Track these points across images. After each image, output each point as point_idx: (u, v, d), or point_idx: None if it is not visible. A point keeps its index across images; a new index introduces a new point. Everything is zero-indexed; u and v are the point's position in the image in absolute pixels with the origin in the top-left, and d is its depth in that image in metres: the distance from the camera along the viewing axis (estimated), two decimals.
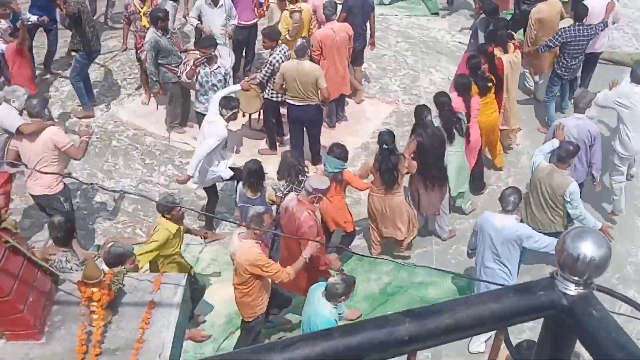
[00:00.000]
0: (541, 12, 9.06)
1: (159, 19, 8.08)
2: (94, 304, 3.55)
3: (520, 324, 1.47)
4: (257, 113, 8.78)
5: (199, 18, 8.88)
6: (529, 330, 5.10)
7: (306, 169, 6.79)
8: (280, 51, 8.05)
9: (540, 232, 6.15)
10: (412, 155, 6.93)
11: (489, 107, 7.88)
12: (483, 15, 9.05)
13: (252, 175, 6.36)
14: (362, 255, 6.83)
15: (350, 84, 8.98)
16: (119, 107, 9.45)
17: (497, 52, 8.14)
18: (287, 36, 8.63)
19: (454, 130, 7.15)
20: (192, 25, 9.02)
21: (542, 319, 1.50)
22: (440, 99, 7.23)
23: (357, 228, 7.22)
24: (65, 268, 5.20)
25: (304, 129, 8.28)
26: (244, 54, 9.64)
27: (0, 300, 3.35)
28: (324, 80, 7.79)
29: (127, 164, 8.48)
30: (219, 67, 7.77)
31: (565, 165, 6.57)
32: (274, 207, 6.52)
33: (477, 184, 8.15)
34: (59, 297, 3.76)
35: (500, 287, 4.03)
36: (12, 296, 3.36)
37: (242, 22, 9.08)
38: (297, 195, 6.07)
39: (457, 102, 7.34)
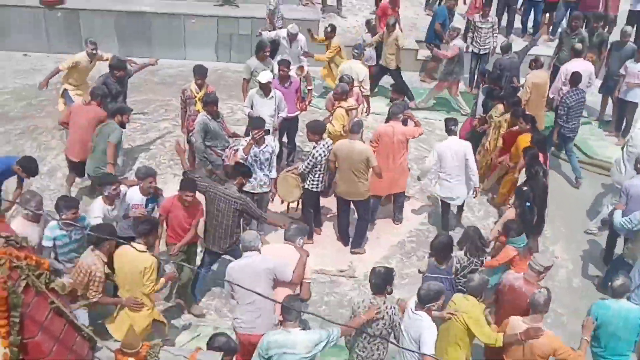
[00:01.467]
0: (538, 77, 10.55)
1: (210, 103, 8.49)
2: None
3: None
4: (296, 202, 8.89)
5: (251, 107, 9.23)
6: None
7: (486, 247, 7.19)
8: (323, 145, 8.27)
9: None
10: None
11: None
12: (486, 85, 10.35)
13: (442, 248, 6.68)
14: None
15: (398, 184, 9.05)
16: (164, 186, 9.55)
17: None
18: (342, 132, 8.89)
19: None
20: (244, 113, 9.37)
21: None
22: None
23: None
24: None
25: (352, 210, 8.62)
26: (285, 144, 9.97)
27: None
28: (374, 159, 8.13)
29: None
30: (267, 145, 8.10)
31: None
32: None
33: None
34: None
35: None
36: (51, 357, 3.37)
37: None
38: (523, 274, 6.35)
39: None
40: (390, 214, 9.33)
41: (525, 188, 7.82)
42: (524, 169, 8.44)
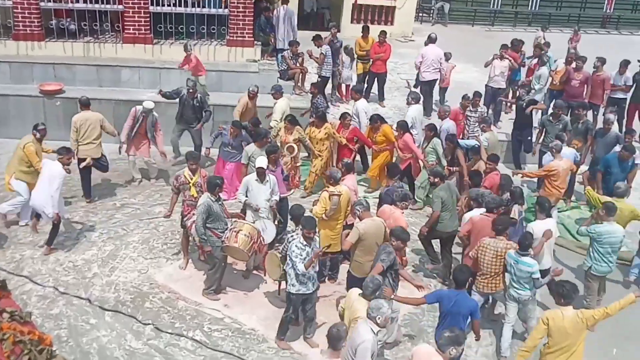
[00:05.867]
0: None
1: (217, 186, 8.64)
2: None
3: None
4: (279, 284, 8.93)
5: (246, 193, 9.37)
6: None
7: None
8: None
9: None
10: None
11: None
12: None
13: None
14: None
15: None
16: (157, 269, 9.63)
17: None
18: (324, 216, 8.98)
19: None
20: (239, 201, 9.48)
21: None
22: None
23: None
24: None
25: None
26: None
27: None
28: None
29: (156, 328, 8.46)
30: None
31: None
32: None
33: None
34: None
35: None
36: None
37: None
38: None
39: None
40: None
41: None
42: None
